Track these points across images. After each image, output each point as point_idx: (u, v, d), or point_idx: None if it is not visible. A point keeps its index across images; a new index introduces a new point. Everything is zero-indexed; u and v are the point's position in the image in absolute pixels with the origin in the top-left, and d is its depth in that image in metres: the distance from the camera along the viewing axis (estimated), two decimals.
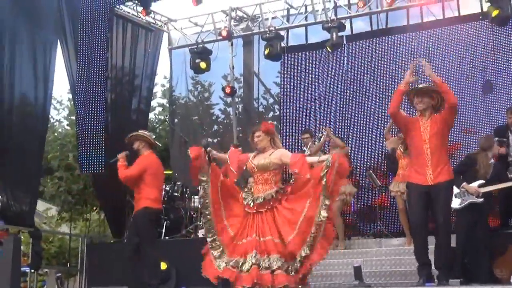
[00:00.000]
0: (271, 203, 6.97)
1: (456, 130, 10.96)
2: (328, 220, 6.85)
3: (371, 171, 11.68)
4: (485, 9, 11.79)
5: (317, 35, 13.58)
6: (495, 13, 11.08)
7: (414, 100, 7.51)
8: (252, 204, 7.02)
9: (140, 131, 9.26)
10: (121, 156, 8.86)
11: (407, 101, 7.68)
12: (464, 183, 8.26)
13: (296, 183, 7.07)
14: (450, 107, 7.27)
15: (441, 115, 7.40)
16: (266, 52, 13.18)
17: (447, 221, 7.37)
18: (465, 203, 8.27)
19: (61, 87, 29.99)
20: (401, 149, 10.13)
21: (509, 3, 11.18)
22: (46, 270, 18.19)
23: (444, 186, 7.28)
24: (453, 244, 8.26)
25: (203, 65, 13.89)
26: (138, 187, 8.82)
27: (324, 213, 6.76)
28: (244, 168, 7.37)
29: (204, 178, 7.19)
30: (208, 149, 7.16)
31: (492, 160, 8.61)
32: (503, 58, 11.89)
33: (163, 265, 9.39)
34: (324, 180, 6.77)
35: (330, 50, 12.71)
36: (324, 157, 7.12)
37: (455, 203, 8.29)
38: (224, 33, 13.49)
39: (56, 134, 18.96)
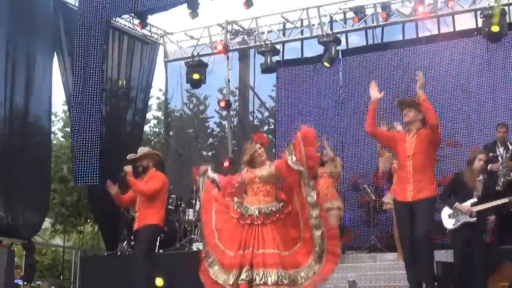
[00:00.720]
0: (278, 215, 6.96)
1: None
2: (329, 231, 6.84)
3: (365, 185, 11.69)
4: (480, 25, 11.84)
5: (313, 49, 13.63)
6: (495, 28, 11.12)
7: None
8: (257, 215, 6.96)
9: (146, 149, 9.25)
10: (128, 169, 8.81)
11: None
12: (457, 203, 8.16)
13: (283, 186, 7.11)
14: (431, 127, 7.20)
15: (425, 132, 7.36)
16: (262, 65, 13.21)
17: (427, 238, 7.27)
18: (459, 223, 8.23)
19: (55, 99, 29.91)
20: (397, 164, 10.13)
21: (505, 20, 11.25)
22: (39, 282, 18.10)
23: (423, 202, 7.20)
24: (450, 259, 8.31)
25: (196, 76, 13.92)
26: (152, 202, 8.79)
27: (316, 212, 6.75)
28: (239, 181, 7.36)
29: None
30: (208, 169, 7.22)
31: (481, 176, 8.60)
32: (497, 73, 11.94)
33: (160, 281, 9.35)
34: (294, 164, 6.75)
35: (327, 65, 12.69)
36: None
37: (449, 223, 8.29)
38: (219, 47, 13.52)
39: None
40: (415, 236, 7.17)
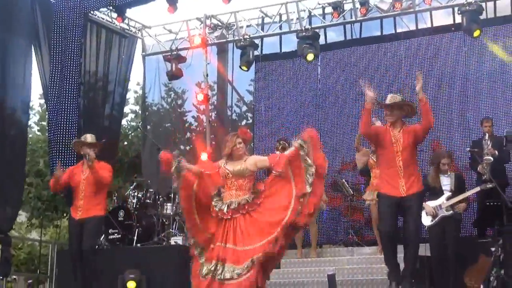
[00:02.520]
0: (246, 208, 6.98)
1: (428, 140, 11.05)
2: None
3: (343, 180, 11.73)
4: (458, 21, 11.93)
5: (291, 44, 13.63)
6: (477, 33, 11.24)
7: (384, 111, 7.57)
8: (226, 209, 7.01)
9: (93, 136, 9.36)
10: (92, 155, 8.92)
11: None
12: (424, 203, 8.29)
13: (272, 179, 7.09)
14: (426, 127, 7.32)
15: (413, 128, 7.45)
16: (241, 60, 13.20)
17: (418, 231, 7.42)
18: (436, 219, 8.34)
19: (32, 92, 29.61)
20: (374, 159, 10.20)
21: (478, 16, 11.34)
22: (15, 277, 17.95)
23: (416, 197, 7.35)
24: (427, 253, 8.39)
25: (176, 71, 13.89)
26: (99, 192, 8.92)
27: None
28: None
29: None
30: (180, 158, 7.11)
31: (449, 173, 8.70)
32: (474, 69, 12.04)
33: (133, 285, 9.32)
34: (303, 151, 6.82)
35: (310, 59, 12.64)
36: (294, 143, 7.08)
37: (427, 220, 8.38)
38: (197, 41, 13.47)
39: None
40: (409, 230, 7.24)
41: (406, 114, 7.57)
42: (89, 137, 9.41)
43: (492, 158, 9.15)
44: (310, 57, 12.42)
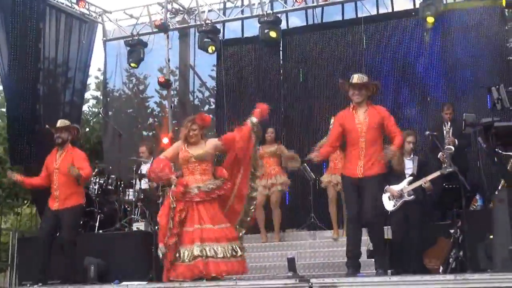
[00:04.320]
0: (217, 192, 7.13)
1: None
2: None
3: (305, 164, 11.75)
4: (417, 6, 12.02)
5: (253, 29, 13.60)
6: (430, 19, 11.37)
7: (349, 92, 7.55)
8: (196, 191, 7.10)
9: (66, 121, 9.16)
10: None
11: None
12: (387, 186, 8.37)
13: (226, 160, 7.27)
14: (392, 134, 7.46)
15: (381, 113, 7.47)
16: (210, 49, 13.18)
17: (377, 213, 7.42)
18: (398, 203, 8.42)
19: None
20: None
21: (441, 1, 11.46)
22: None
23: (373, 179, 7.35)
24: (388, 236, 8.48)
25: (134, 65, 13.97)
26: (75, 181, 8.73)
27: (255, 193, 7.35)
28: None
29: None
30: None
31: (412, 155, 8.79)
32: (435, 54, 12.14)
33: None
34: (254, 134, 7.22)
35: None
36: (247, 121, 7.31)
37: (390, 205, 8.44)
38: (157, 23, 13.39)
39: None
40: (366, 212, 7.27)
41: (371, 94, 7.59)
42: (59, 122, 9.11)
43: (453, 148, 9.25)
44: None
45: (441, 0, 11.65)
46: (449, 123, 9.90)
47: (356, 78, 7.54)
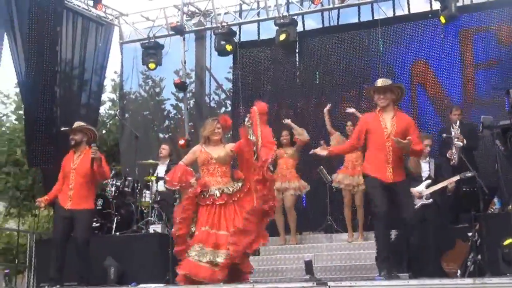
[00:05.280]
0: (238, 195, 7.15)
1: None
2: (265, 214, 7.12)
3: (322, 166, 11.73)
4: (434, 8, 11.97)
5: (270, 31, 13.61)
6: (442, 19, 11.34)
7: (374, 97, 7.49)
8: (218, 194, 7.13)
9: (82, 123, 9.15)
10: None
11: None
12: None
13: (240, 165, 7.29)
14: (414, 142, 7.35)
15: (408, 121, 7.41)
16: (218, 47, 13.19)
17: (414, 215, 7.41)
18: (417, 206, 8.40)
19: (8, 81, 29.39)
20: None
21: (454, 1, 11.39)
22: None
23: (404, 183, 7.33)
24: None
25: (151, 66, 13.94)
26: (89, 185, 8.73)
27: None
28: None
29: None
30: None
31: (428, 158, 8.74)
32: (453, 56, 12.07)
33: None
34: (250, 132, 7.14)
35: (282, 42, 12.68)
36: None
37: None
38: (174, 25, 13.43)
39: (3, 128, 18.62)
40: (403, 215, 7.22)
41: (396, 98, 7.51)
42: (75, 124, 9.08)
43: (461, 143, 9.22)
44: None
45: (457, 1, 11.56)
46: (457, 124, 9.86)
47: (380, 82, 7.48)
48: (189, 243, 7.26)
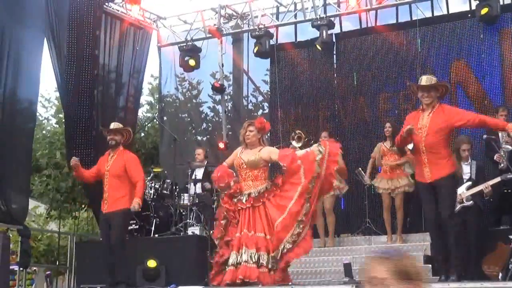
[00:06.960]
0: (266, 196, 7.14)
1: None
2: (308, 224, 7.05)
3: (360, 168, 11.66)
4: (473, 7, 11.81)
5: (307, 33, 13.58)
6: (484, 11, 11.14)
7: (418, 93, 7.47)
8: (245, 199, 7.14)
9: (119, 124, 9.25)
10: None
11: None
12: None
13: (287, 173, 7.23)
14: (472, 125, 7.34)
15: (449, 111, 7.35)
16: (255, 50, 13.21)
17: (452, 215, 7.33)
18: (457, 207, 8.28)
19: (49, 85, 29.93)
20: (387, 146, 10.19)
21: (498, 1, 11.23)
22: (35, 268, 18.15)
23: (444, 181, 7.26)
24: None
25: (192, 62, 13.93)
26: (124, 185, 8.81)
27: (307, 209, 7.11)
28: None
29: None
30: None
31: (470, 160, 8.64)
32: (493, 56, 11.90)
33: (153, 263, 9.41)
34: (317, 164, 7.03)
35: (319, 48, 12.71)
36: (313, 147, 7.26)
37: None
38: (211, 28, 13.49)
39: (44, 132, 18.87)
40: (442, 215, 7.21)
41: (440, 95, 7.50)
42: (112, 124, 9.24)
43: (510, 147, 9.06)
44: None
45: (497, 0, 11.40)
46: None
47: (424, 80, 7.45)
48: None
